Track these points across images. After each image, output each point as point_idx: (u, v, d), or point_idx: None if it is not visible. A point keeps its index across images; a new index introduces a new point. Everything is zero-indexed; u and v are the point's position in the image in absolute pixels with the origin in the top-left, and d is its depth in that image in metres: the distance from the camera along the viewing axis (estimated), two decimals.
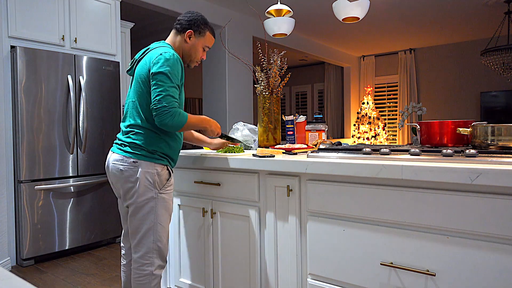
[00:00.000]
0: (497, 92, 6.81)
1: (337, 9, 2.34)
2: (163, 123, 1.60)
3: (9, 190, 3.07)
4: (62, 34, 3.34)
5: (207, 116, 5.40)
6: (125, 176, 1.68)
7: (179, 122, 1.62)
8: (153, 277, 1.71)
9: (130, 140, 1.70)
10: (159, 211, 1.70)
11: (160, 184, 1.70)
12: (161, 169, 1.71)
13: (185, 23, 1.78)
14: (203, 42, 1.83)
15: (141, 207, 1.68)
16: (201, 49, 1.84)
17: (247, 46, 5.53)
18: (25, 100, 3.06)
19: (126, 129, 1.74)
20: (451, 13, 5.54)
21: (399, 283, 1.37)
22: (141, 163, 1.67)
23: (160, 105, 1.59)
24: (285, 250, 1.68)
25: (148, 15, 5.44)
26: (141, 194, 1.67)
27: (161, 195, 1.70)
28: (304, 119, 2.33)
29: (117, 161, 1.71)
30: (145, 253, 1.70)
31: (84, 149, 3.41)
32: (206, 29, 1.82)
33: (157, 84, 1.62)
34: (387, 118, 8.33)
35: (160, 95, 1.60)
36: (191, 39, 1.80)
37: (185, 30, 1.79)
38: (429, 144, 1.66)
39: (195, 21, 1.78)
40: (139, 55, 1.79)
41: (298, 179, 1.62)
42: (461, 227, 1.23)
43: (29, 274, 2.91)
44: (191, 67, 1.89)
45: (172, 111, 1.60)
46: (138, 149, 1.68)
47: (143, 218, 1.68)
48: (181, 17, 1.81)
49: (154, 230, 1.69)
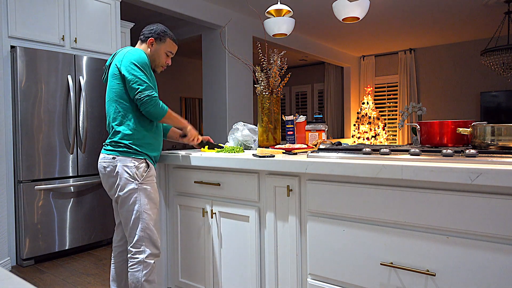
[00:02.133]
0: (497, 92, 6.81)
1: (337, 9, 2.34)
2: (146, 111, 1.80)
3: (9, 190, 3.07)
4: (62, 34, 3.34)
5: (207, 116, 5.41)
6: (107, 172, 1.86)
7: (161, 110, 1.83)
8: (145, 264, 1.82)
9: (110, 140, 1.88)
10: (142, 200, 1.84)
11: (139, 176, 1.84)
12: (139, 162, 1.85)
13: (147, 33, 1.99)
14: (164, 47, 2.00)
15: (125, 198, 1.83)
16: (164, 55, 2.02)
17: (247, 46, 5.53)
18: (25, 100, 3.06)
19: (108, 129, 1.92)
20: (451, 13, 5.54)
21: (399, 283, 1.37)
22: (119, 158, 1.84)
23: (143, 95, 1.78)
24: (285, 250, 1.68)
25: (148, 15, 5.44)
26: (123, 187, 1.83)
27: (142, 186, 1.85)
28: (304, 119, 2.33)
29: (102, 160, 1.89)
30: (136, 242, 1.83)
31: (84, 149, 3.41)
32: (166, 36, 2.00)
33: (133, 79, 1.79)
34: (387, 118, 8.33)
35: (142, 86, 1.79)
36: (153, 46, 1.99)
37: (147, 39, 1.99)
38: (429, 144, 1.66)
39: (156, 30, 1.99)
40: (109, 62, 1.98)
41: (298, 179, 1.62)
42: (461, 227, 1.23)
43: (29, 274, 2.91)
44: (158, 72, 2.05)
45: (155, 99, 1.80)
46: (116, 146, 1.85)
47: (129, 209, 1.84)
48: (144, 30, 2.02)
49: (141, 218, 1.83)
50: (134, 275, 1.81)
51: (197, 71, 8.72)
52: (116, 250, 2.05)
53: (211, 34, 5.31)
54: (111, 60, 1.97)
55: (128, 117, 1.85)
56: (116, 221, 2.05)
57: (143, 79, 1.80)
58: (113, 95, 1.87)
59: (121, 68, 1.83)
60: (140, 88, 1.78)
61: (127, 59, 1.83)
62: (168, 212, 2.21)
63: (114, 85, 1.87)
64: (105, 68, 2.01)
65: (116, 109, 1.86)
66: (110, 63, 1.96)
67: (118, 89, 1.86)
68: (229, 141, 2.33)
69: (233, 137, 2.31)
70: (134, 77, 1.79)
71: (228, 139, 2.33)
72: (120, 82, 1.85)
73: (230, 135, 2.33)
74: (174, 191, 2.17)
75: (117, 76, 1.86)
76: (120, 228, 2.04)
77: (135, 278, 1.81)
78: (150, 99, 1.79)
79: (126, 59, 1.83)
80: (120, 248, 2.04)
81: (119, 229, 2.04)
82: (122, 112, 1.86)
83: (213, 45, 5.32)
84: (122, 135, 1.84)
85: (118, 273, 2.04)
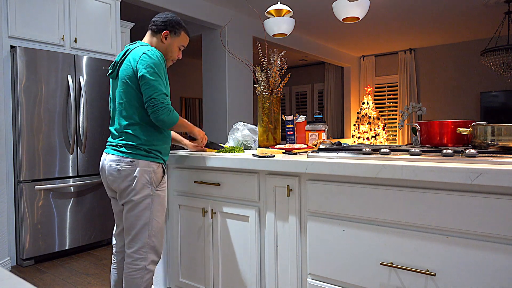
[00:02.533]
0: (497, 92, 6.81)
1: (337, 9, 2.34)
2: (159, 119, 1.69)
3: (9, 190, 3.07)
4: (62, 34, 3.34)
5: (207, 116, 5.41)
6: (122, 175, 1.74)
7: (174, 118, 1.73)
8: (146, 271, 1.77)
9: (125, 142, 1.76)
10: (155, 207, 1.78)
11: (156, 182, 1.78)
12: (157, 167, 1.79)
13: (161, 24, 1.84)
14: (178, 41, 1.89)
15: (138, 203, 1.75)
16: (177, 49, 1.91)
17: (247, 46, 5.53)
18: (25, 100, 3.06)
19: (118, 131, 1.80)
20: (451, 13, 5.54)
21: (399, 283, 1.37)
22: (138, 162, 1.74)
23: (156, 102, 1.68)
24: (285, 250, 1.68)
25: (148, 15, 5.44)
26: (138, 191, 1.74)
27: (157, 192, 1.79)
28: (304, 119, 2.33)
29: (113, 162, 1.76)
30: (139, 248, 1.76)
31: (84, 149, 3.41)
32: (181, 29, 1.89)
33: (148, 83, 1.69)
34: (387, 118, 8.33)
35: (156, 93, 1.68)
36: (167, 39, 1.86)
37: (161, 31, 1.85)
38: (429, 144, 1.66)
39: (170, 22, 1.85)
40: (120, 57, 1.83)
41: (298, 179, 1.62)
42: (461, 227, 1.23)
43: (29, 274, 2.91)
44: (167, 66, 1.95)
45: (168, 107, 1.70)
46: (134, 149, 1.75)
47: (139, 215, 1.75)
48: (156, 19, 1.87)
49: (149, 225, 1.77)
50: (134, 282, 1.75)
51: (197, 71, 8.72)
52: (119, 255, 1.96)
53: (211, 34, 5.31)
54: (122, 57, 1.81)
55: (144, 121, 1.75)
56: (118, 227, 1.96)
57: (157, 85, 1.69)
58: (125, 96, 1.75)
59: (137, 69, 1.71)
60: (154, 95, 1.67)
61: (145, 62, 1.70)
62: (168, 212, 2.21)
63: (127, 87, 1.74)
64: (114, 64, 1.85)
65: (130, 111, 1.75)
66: (121, 60, 1.81)
67: (132, 91, 1.74)
68: (229, 141, 2.33)
69: (233, 137, 2.31)
70: (149, 81, 1.68)
71: (228, 139, 2.33)
72: (135, 84, 1.73)
73: (230, 135, 2.33)
74: (174, 191, 2.17)
75: (132, 77, 1.73)
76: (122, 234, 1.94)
77: (135, 285, 1.75)
78: (163, 107, 1.68)
79: (144, 62, 1.70)
80: (122, 254, 1.96)
81: (121, 235, 1.95)
82: (137, 115, 1.75)
83: (213, 45, 5.32)
84: (140, 138, 1.74)
85: (121, 277, 1.95)
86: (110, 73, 1.87)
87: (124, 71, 1.76)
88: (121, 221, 1.94)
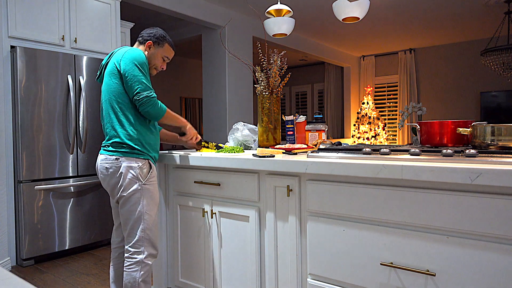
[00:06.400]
0: (497, 92, 6.81)
1: (337, 9, 2.34)
2: (145, 111, 1.80)
3: (9, 190, 3.07)
4: (62, 34, 3.34)
5: (207, 116, 5.41)
6: (110, 173, 1.84)
7: (160, 110, 1.84)
8: (143, 264, 1.82)
9: (111, 141, 1.86)
10: (144, 201, 1.84)
11: (143, 177, 1.85)
12: (142, 163, 1.86)
13: (146, 36, 1.99)
14: (162, 52, 2.00)
15: (128, 199, 1.83)
16: (161, 59, 2.01)
17: (247, 46, 5.53)
18: (25, 100, 3.06)
19: (106, 131, 1.89)
20: (451, 13, 5.54)
21: (399, 283, 1.37)
22: (123, 159, 1.82)
23: (142, 96, 1.78)
24: (285, 250, 1.68)
25: (148, 15, 5.44)
26: (126, 187, 1.82)
27: (145, 186, 1.85)
28: (304, 119, 2.33)
29: (102, 161, 1.87)
30: (135, 242, 1.83)
31: (84, 149, 3.41)
32: (165, 41, 2.00)
33: (132, 78, 1.79)
34: (387, 118, 8.33)
35: (140, 87, 1.79)
36: (151, 49, 1.98)
37: (145, 41, 1.98)
38: (429, 144, 1.66)
39: (155, 34, 1.99)
40: (105, 61, 1.97)
41: (298, 179, 1.62)
42: (461, 227, 1.23)
43: (29, 274, 2.91)
44: (152, 75, 2.06)
45: (153, 100, 1.80)
46: (119, 147, 1.84)
47: (131, 209, 1.83)
48: (143, 32, 2.02)
49: (142, 219, 1.83)
50: (131, 275, 1.81)
51: (197, 71, 8.72)
52: (116, 251, 2.04)
53: (211, 34, 5.31)
54: (108, 59, 1.94)
55: (128, 118, 1.83)
56: (116, 222, 2.04)
57: (142, 79, 1.79)
58: (111, 94, 1.84)
59: (120, 66, 1.81)
60: (138, 88, 1.78)
61: (127, 58, 1.81)
62: (168, 212, 2.21)
63: (112, 84, 1.84)
64: (100, 67, 1.98)
65: (114, 109, 1.84)
66: (106, 62, 1.94)
67: (116, 88, 1.83)
68: (229, 141, 2.33)
69: (233, 137, 2.31)
70: (133, 76, 1.78)
71: (228, 139, 2.33)
72: (119, 81, 1.83)
73: (230, 135, 2.33)
74: (174, 191, 2.17)
75: (116, 75, 1.83)
76: (119, 229, 2.02)
77: (132, 277, 1.80)
78: (149, 100, 1.78)
79: (126, 57, 1.81)
80: (120, 249, 2.03)
81: (119, 230, 2.03)
82: (121, 113, 1.83)
83: (213, 45, 5.32)
84: (124, 136, 1.82)
85: (118, 274, 2.03)
86: (98, 76, 2.00)
87: (109, 70, 1.88)
88: (117, 217, 2.02)
